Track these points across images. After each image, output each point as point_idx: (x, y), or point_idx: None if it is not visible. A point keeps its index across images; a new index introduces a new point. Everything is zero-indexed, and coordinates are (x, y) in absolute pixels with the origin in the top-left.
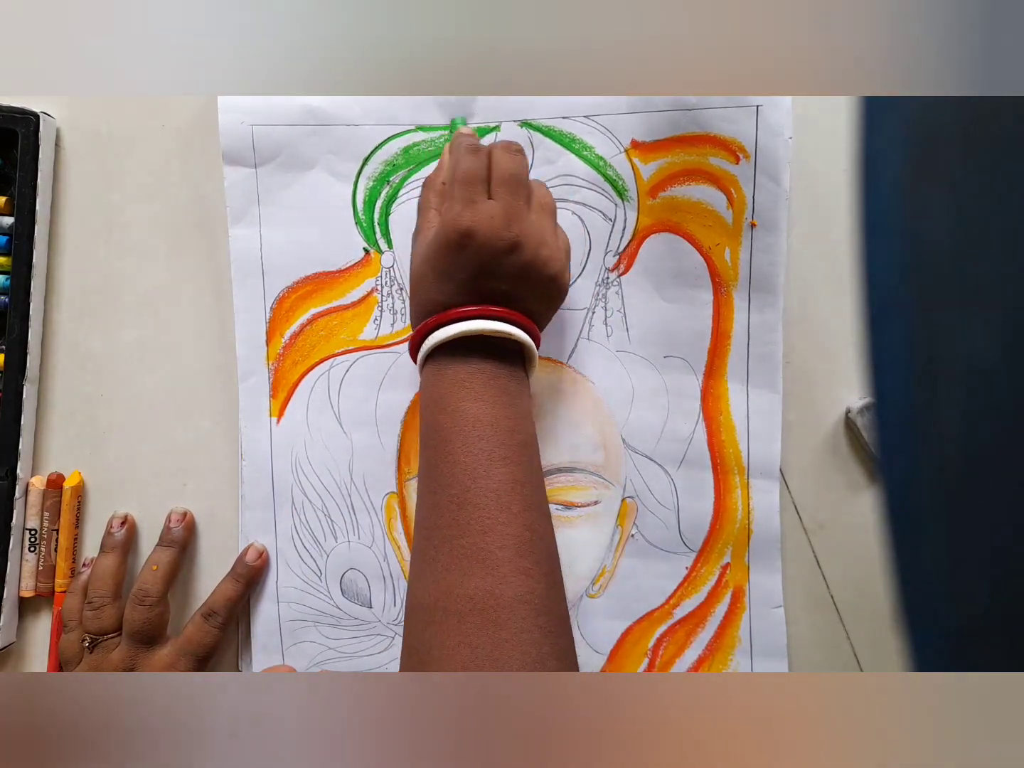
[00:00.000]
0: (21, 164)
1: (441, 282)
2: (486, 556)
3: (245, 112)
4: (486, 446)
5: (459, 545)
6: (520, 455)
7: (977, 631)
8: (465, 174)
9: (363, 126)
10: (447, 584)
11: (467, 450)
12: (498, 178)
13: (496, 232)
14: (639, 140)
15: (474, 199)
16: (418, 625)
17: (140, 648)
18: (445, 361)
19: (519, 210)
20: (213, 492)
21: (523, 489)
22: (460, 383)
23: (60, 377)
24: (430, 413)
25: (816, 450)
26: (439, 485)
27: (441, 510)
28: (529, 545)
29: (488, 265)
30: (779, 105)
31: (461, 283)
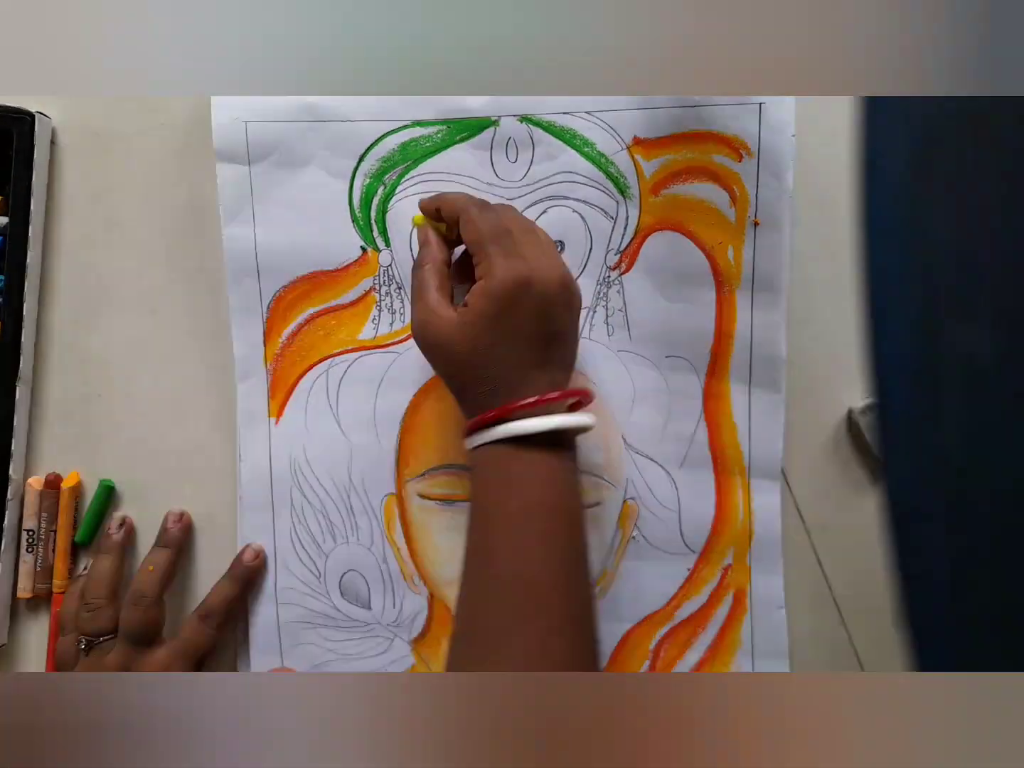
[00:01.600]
0: (16, 164)
1: (511, 343)
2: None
3: (239, 109)
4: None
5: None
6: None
7: (977, 631)
8: (497, 228)
9: (358, 122)
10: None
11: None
12: (520, 226)
13: (547, 273)
14: (641, 137)
15: (516, 251)
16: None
17: (136, 649)
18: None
19: (550, 247)
20: (211, 493)
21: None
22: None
23: (57, 378)
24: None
25: (818, 450)
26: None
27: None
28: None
29: (548, 307)
30: (783, 103)
31: (529, 335)
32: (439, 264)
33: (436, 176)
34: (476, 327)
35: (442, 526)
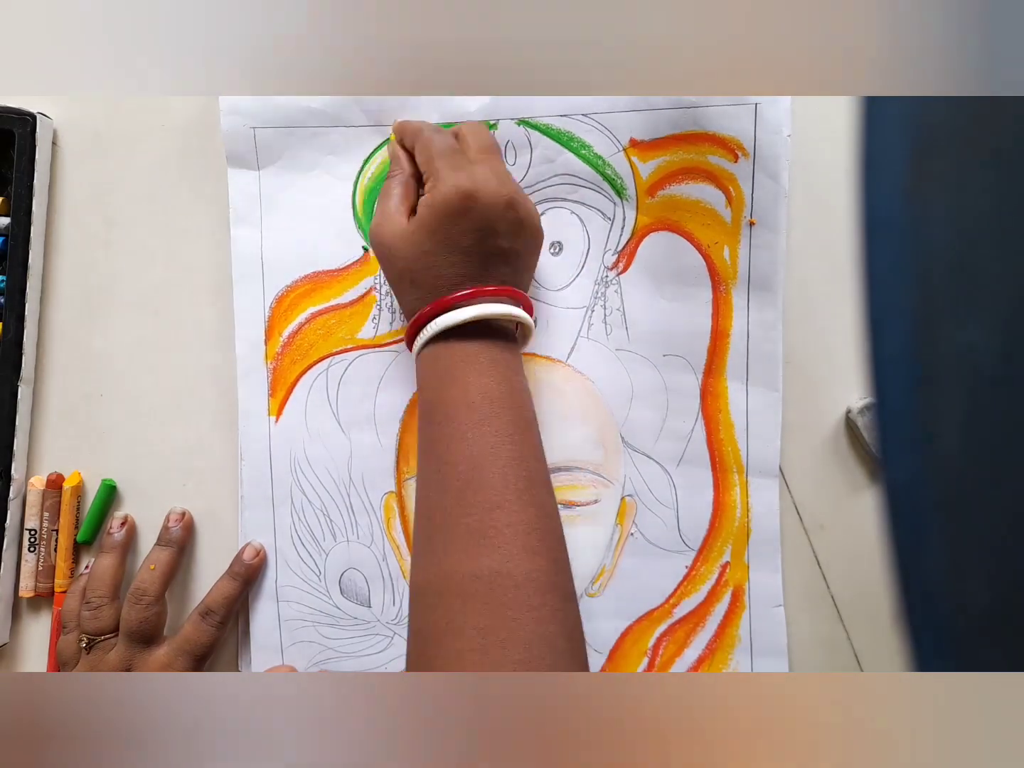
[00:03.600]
0: (17, 165)
1: (448, 253)
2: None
3: (247, 115)
4: (495, 423)
5: (465, 524)
6: (526, 433)
7: (977, 631)
8: (446, 147)
9: (363, 127)
10: (451, 564)
11: (476, 427)
12: (478, 146)
13: (494, 189)
14: (638, 139)
15: (462, 166)
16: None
17: (137, 648)
18: (448, 341)
19: (504, 171)
20: (212, 492)
21: (529, 466)
22: (468, 359)
23: (59, 377)
24: (434, 389)
25: (816, 450)
26: (444, 462)
27: (446, 488)
28: (536, 522)
29: (489, 223)
30: (778, 103)
31: (467, 249)
32: (406, 176)
33: None
34: (417, 235)
35: None
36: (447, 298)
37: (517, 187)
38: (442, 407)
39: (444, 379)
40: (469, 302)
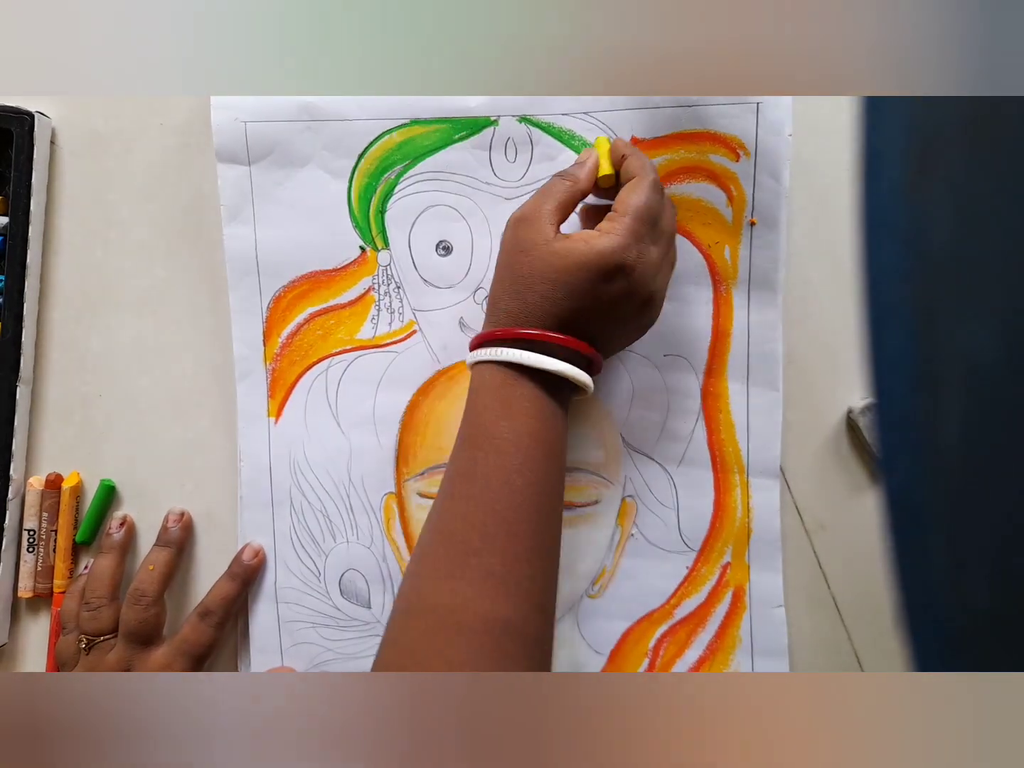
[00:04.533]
0: (16, 164)
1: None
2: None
3: (238, 109)
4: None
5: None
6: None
7: (977, 631)
8: (647, 210)
9: (357, 121)
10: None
11: (523, 471)
12: (665, 230)
13: (645, 282)
14: (639, 137)
15: (644, 239)
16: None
17: (136, 648)
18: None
19: (665, 267)
20: (211, 493)
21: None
22: (531, 400)
23: (58, 377)
24: (489, 416)
25: (817, 450)
26: (480, 493)
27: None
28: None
29: (616, 305)
30: (779, 102)
31: (578, 309)
32: (577, 188)
33: (435, 175)
34: (555, 260)
35: None
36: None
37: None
38: (492, 438)
39: (500, 409)
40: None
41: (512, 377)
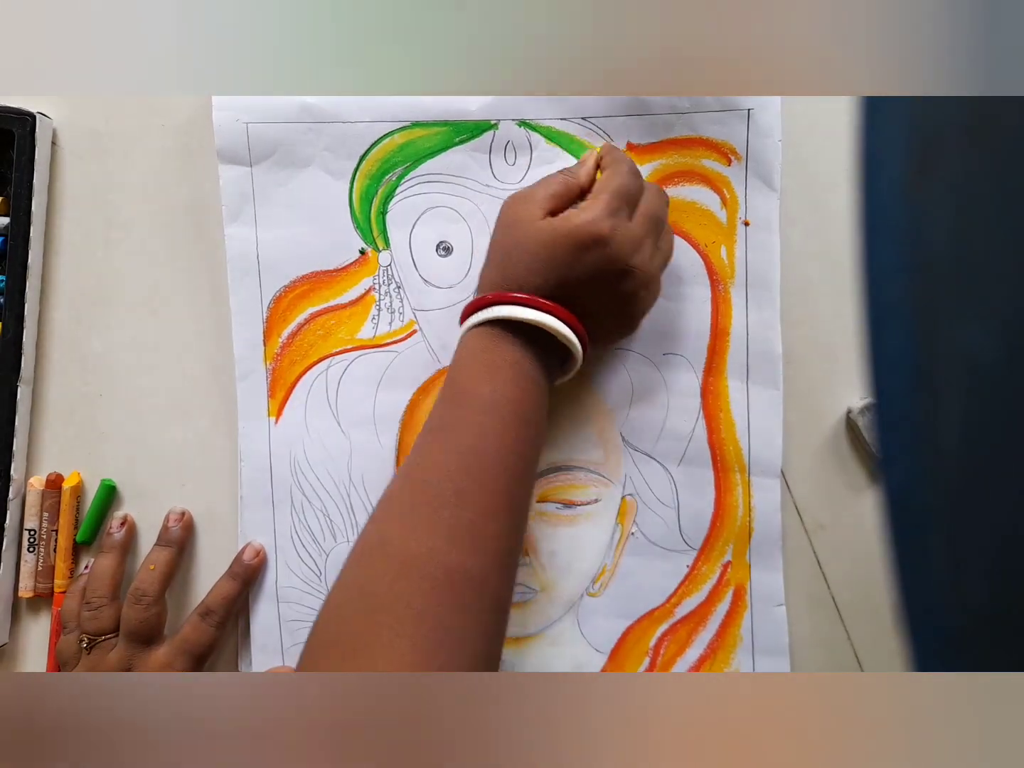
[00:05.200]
0: (17, 165)
1: (542, 268)
2: (482, 540)
3: (240, 110)
4: (515, 435)
5: (458, 517)
6: (536, 454)
7: (977, 631)
8: (621, 188)
9: (359, 123)
10: (433, 546)
11: (499, 431)
12: (645, 210)
13: (623, 254)
14: (635, 142)
15: (619, 214)
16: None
17: (137, 648)
18: (503, 334)
19: (648, 247)
20: (212, 492)
21: (526, 487)
22: (514, 363)
23: (58, 377)
24: (471, 377)
25: (817, 450)
26: (455, 448)
27: (449, 473)
28: (516, 543)
29: (595, 277)
30: (769, 108)
31: (558, 280)
32: (574, 184)
33: (436, 177)
34: (539, 236)
35: None
36: (513, 295)
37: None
38: (472, 398)
39: (482, 372)
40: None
41: (497, 340)
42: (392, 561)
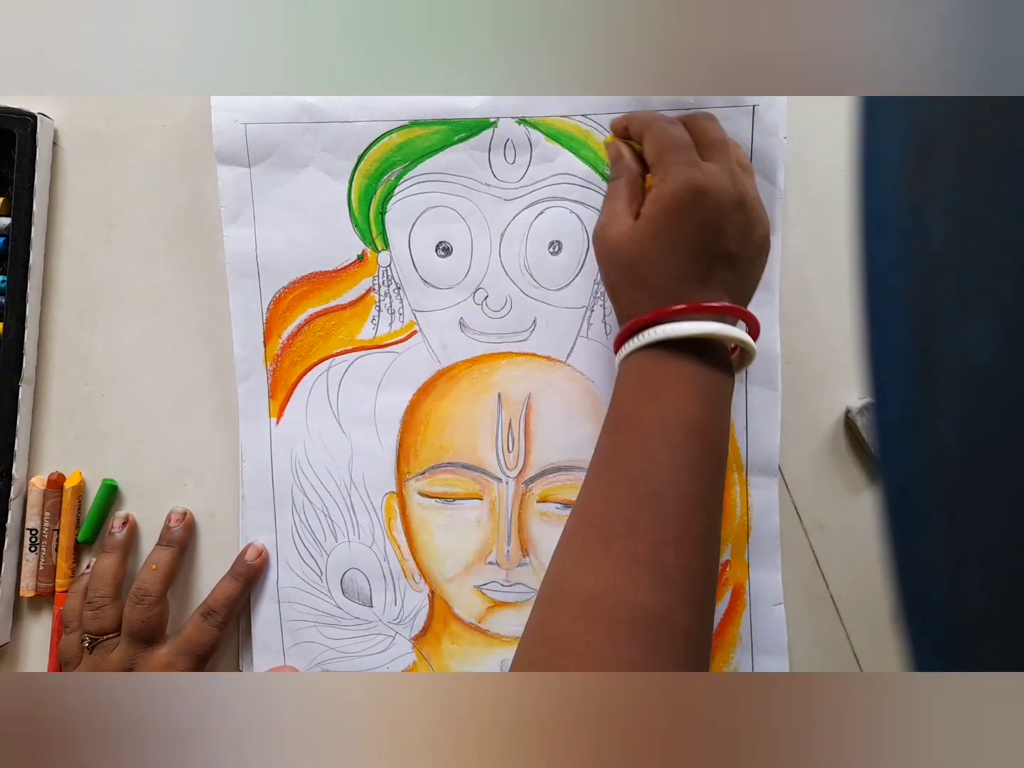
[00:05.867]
0: (18, 165)
1: (674, 252)
2: (662, 572)
3: (238, 111)
4: (688, 455)
5: (634, 549)
6: (716, 471)
7: (977, 631)
8: (680, 141)
9: (357, 123)
10: (610, 585)
11: (669, 453)
12: (709, 142)
13: (724, 188)
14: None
15: (695, 161)
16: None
17: (139, 648)
18: (659, 352)
19: (737, 170)
20: (213, 492)
21: (711, 510)
22: (676, 378)
23: (60, 377)
24: (634, 401)
25: (816, 450)
26: (624, 476)
27: (619, 504)
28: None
29: (718, 223)
30: (775, 105)
31: (693, 249)
32: (633, 176)
33: (435, 176)
34: (643, 232)
35: (442, 524)
36: (668, 308)
37: (751, 188)
38: (636, 422)
39: (645, 393)
40: (691, 316)
41: (657, 359)
42: (570, 602)
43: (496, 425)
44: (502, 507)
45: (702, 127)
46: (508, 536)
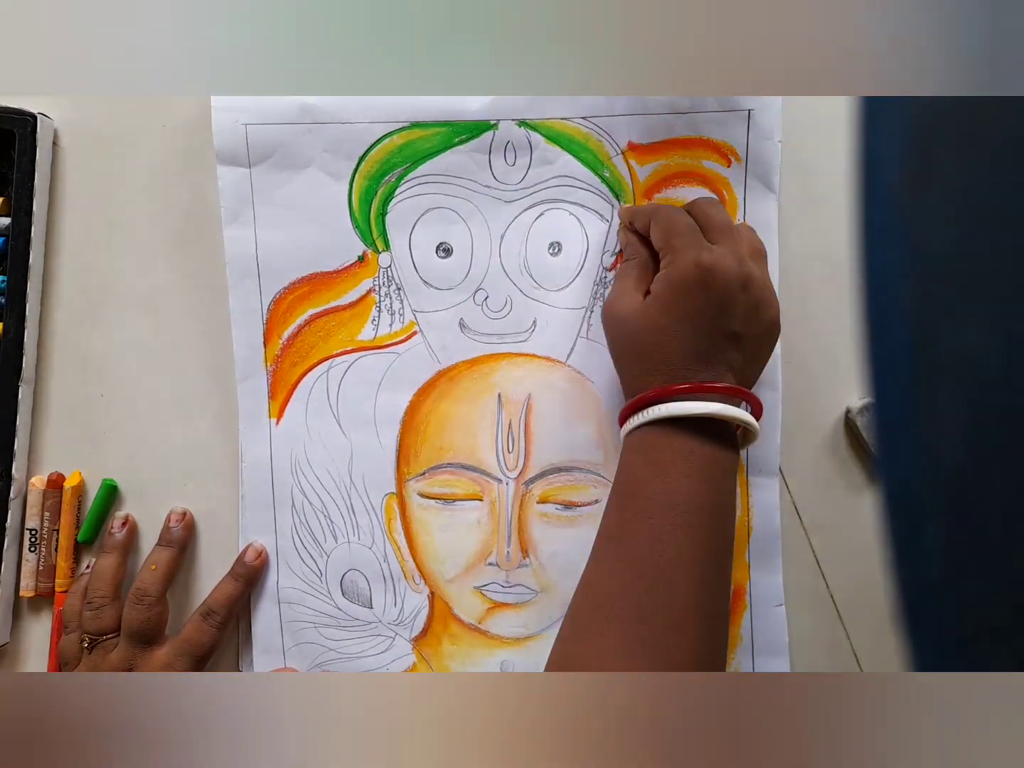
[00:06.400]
0: (18, 165)
1: (681, 329)
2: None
3: (239, 111)
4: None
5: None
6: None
7: (976, 631)
8: (686, 226)
9: (358, 124)
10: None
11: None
12: (714, 226)
13: (731, 268)
14: (635, 142)
15: (701, 243)
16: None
17: (138, 648)
18: (664, 429)
19: (742, 252)
20: (213, 492)
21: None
22: (680, 456)
23: (60, 377)
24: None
25: (816, 450)
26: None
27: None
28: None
29: (724, 303)
30: (770, 109)
31: (699, 327)
32: (643, 259)
33: (435, 178)
34: (652, 308)
35: (442, 525)
36: (672, 387)
37: (758, 270)
38: (641, 500)
39: (650, 470)
40: (695, 396)
41: (662, 436)
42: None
43: (496, 426)
44: (502, 508)
45: (706, 213)
46: (508, 537)
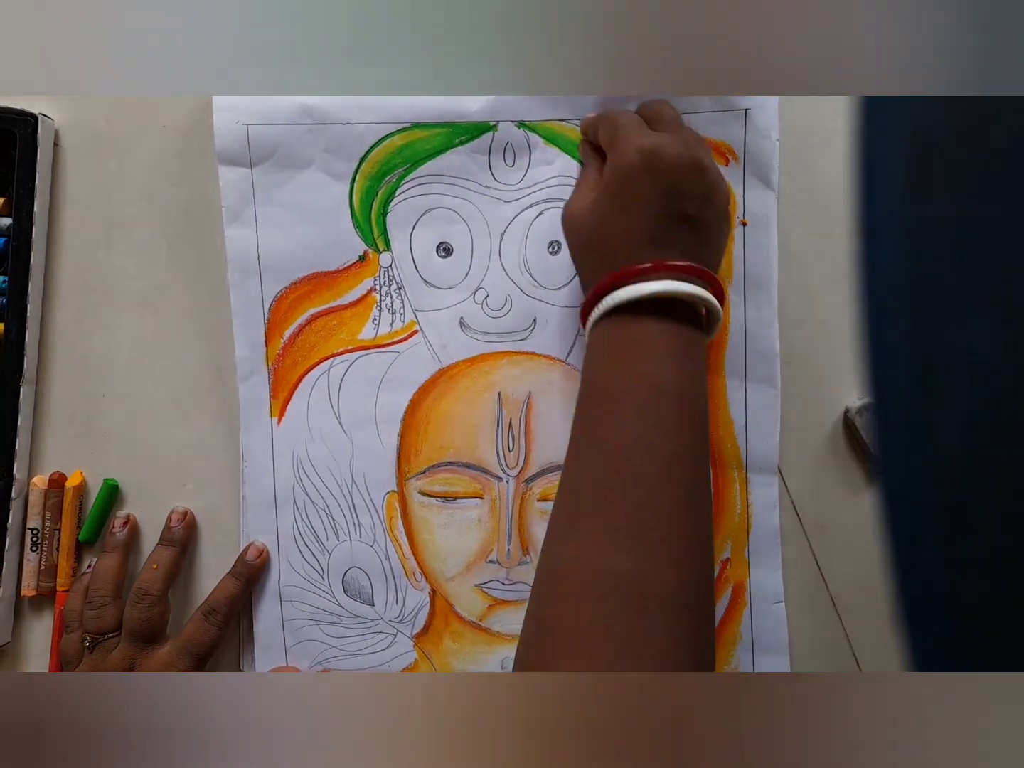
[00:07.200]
0: (19, 166)
1: (629, 215)
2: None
3: (240, 112)
4: (657, 416)
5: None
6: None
7: (976, 631)
8: (629, 119)
9: (359, 124)
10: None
11: (638, 416)
12: (661, 119)
13: (678, 151)
14: None
15: (645, 131)
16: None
17: (140, 647)
18: (622, 318)
19: (691, 139)
20: (214, 492)
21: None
22: (639, 341)
23: (61, 378)
24: (600, 369)
25: (815, 450)
26: (597, 448)
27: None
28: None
29: (674, 185)
30: (766, 108)
31: (649, 210)
32: (598, 164)
33: (436, 178)
34: (600, 200)
35: (443, 523)
36: (627, 269)
37: (707, 158)
38: (604, 391)
39: (610, 361)
40: (651, 276)
41: (620, 325)
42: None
43: (496, 424)
44: (502, 506)
45: (652, 108)
46: (509, 535)
